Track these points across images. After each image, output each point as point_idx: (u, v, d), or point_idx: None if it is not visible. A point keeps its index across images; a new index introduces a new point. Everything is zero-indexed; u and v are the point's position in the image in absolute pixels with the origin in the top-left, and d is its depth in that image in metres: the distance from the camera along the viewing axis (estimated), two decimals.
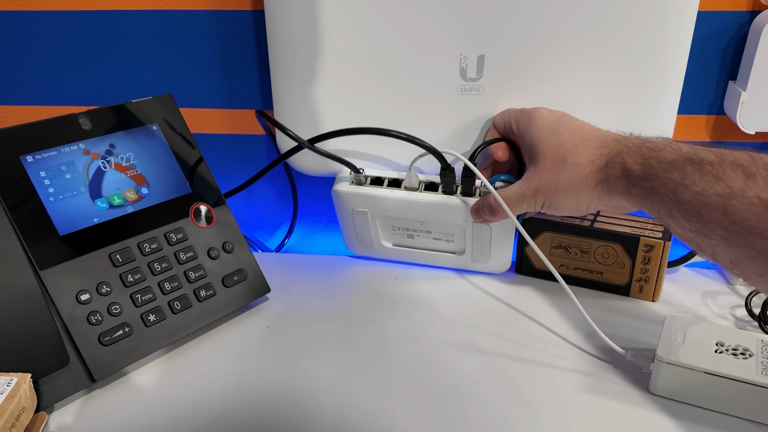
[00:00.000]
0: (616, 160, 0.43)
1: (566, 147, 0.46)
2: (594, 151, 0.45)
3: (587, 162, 0.45)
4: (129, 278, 0.49)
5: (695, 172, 0.37)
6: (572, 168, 0.45)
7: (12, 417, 0.40)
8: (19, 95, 0.66)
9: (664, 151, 0.40)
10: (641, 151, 0.42)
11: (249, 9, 0.61)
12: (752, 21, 0.57)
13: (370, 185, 0.58)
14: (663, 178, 0.39)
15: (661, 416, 0.44)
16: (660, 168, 0.40)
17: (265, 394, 0.47)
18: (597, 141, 0.46)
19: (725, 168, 0.35)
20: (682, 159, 0.38)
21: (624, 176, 0.43)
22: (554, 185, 0.47)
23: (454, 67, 0.57)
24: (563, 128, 0.48)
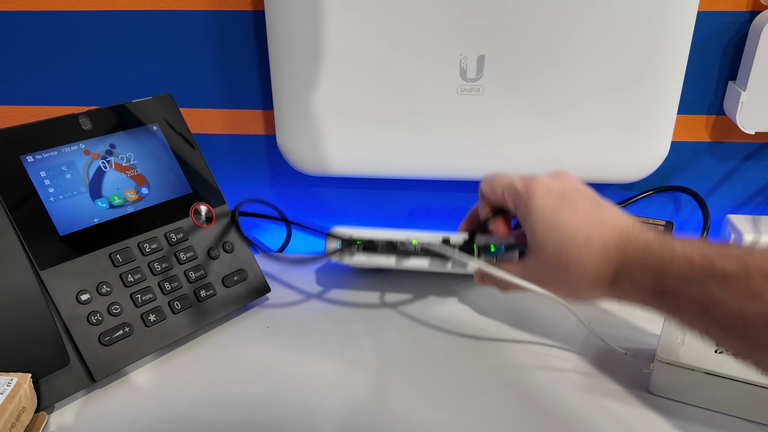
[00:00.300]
0: (625, 275, 0.40)
1: (569, 249, 0.42)
2: (599, 261, 0.41)
3: (593, 273, 0.41)
4: (129, 278, 0.49)
5: (722, 288, 0.33)
6: (578, 277, 0.42)
7: (12, 417, 0.40)
8: (20, 95, 0.66)
9: (675, 263, 0.36)
10: (648, 264, 0.38)
11: (249, 9, 0.61)
12: (752, 21, 0.57)
13: (363, 251, 0.53)
14: (686, 295, 0.35)
15: (661, 416, 0.44)
16: (678, 284, 0.36)
17: (265, 394, 0.47)
18: (600, 247, 0.41)
19: (755, 280, 0.32)
20: (699, 273, 0.35)
21: (638, 292, 0.39)
22: (560, 287, 0.44)
23: (454, 67, 0.57)
24: (564, 223, 0.42)
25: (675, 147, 0.62)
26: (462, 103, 0.58)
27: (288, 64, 0.59)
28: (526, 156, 0.60)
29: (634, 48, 0.55)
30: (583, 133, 0.58)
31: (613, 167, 0.60)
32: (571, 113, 0.58)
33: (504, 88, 0.57)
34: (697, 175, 0.64)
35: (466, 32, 0.56)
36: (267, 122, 0.66)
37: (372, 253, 0.52)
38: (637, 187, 0.65)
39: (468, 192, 0.68)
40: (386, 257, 0.52)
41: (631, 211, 0.65)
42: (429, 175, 0.63)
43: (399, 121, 0.60)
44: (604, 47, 0.55)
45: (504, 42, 0.56)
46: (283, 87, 0.60)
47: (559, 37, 0.55)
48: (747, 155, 0.63)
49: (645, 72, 0.56)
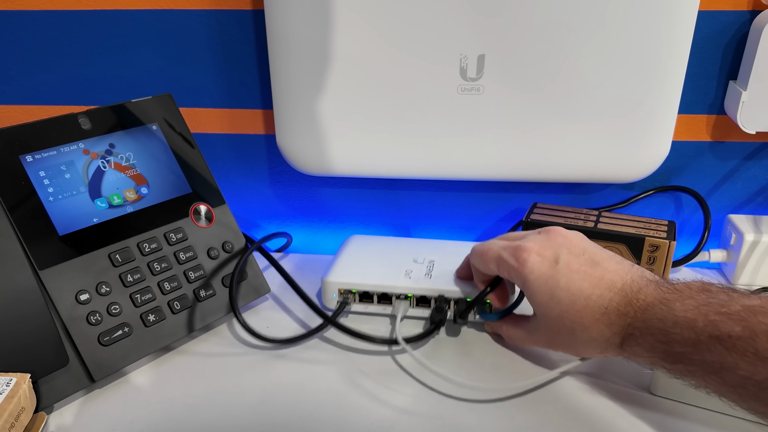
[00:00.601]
0: (632, 340, 0.39)
1: (571, 318, 0.42)
2: (602, 327, 0.41)
3: (599, 336, 0.41)
4: (128, 278, 0.49)
5: (730, 352, 0.33)
6: (585, 341, 0.42)
7: (11, 417, 0.40)
8: (19, 94, 0.66)
9: (677, 329, 0.36)
10: (652, 331, 0.38)
11: (249, 8, 0.60)
12: (753, 21, 0.57)
13: (359, 302, 0.55)
14: (696, 362, 0.35)
15: (661, 416, 0.44)
16: (685, 351, 0.36)
17: (265, 394, 0.47)
18: (601, 313, 0.40)
19: (762, 342, 0.32)
20: (705, 338, 0.34)
21: (649, 355, 0.39)
22: (570, 350, 0.44)
23: (454, 66, 0.57)
24: (561, 291, 0.42)
25: (676, 147, 0.62)
26: (462, 103, 0.58)
27: (288, 63, 0.58)
28: (527, 156, 0.60)
29: (635, 47, 0.55)
30: (584, 132, 0.58)
31: (613, 167, 0.60)
32: (571, 113, 0.58)
33: (504, 87, 0.57)
34: (697, 174, 0.64)
35: (466, 32, 0.55)
36: (267, 122, 0.66)
37: (368, 303, 0.55)
38: (637, 186, 0.65)
39: (468, 192, 0.68)
40: (383, 307, 0.55)
41: (631, 211, 0.65)
42: (429, 174, 0.63)
43: (399, 120, 0.60)
44: (604, 47, 0.55)
45: (504, 41, 0.55)
46: (283, 86, 0.60)
47: (560, 37, 0.55)
48: (748, 155, 0.63)
49: (645, 71, 0.55)
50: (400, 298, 0.54)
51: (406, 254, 0.58)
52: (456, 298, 0.53)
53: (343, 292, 0.55)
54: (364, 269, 0.56)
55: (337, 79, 0.59)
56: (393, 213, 0.70)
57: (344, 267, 0.56)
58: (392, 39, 0.56)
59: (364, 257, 0.58)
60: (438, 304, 0.53)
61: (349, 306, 0.55)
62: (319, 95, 0.59)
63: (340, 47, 0.57)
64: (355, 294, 0.55)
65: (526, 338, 0.48)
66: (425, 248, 0.59)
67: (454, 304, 0.53)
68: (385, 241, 0.62)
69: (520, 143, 0.59)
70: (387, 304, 0.55)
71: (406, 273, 0.54)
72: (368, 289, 0.54)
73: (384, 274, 0.55)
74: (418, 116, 0.59)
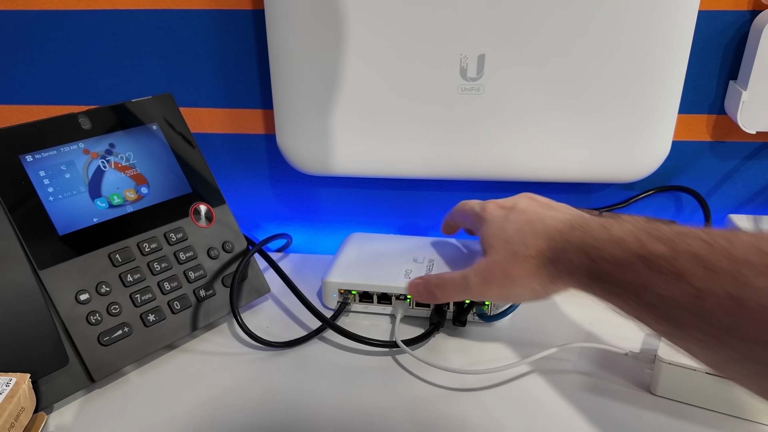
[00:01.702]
0: (563, 257, 0.40)
1: (514, 241, 0.44)
2: (540, 243, 0.42)
3: (536, 254, 0.42)
4: (128, 278, 0.49)
5: (650, 271, 0.33)
6: (523, 260, 0.43)
7: (11, 417, 0.40)
8: (19, 94, 0.66)
9: (608, 246, 0.36)
10: (584, 249, 0.38)
11: (249, 8, 0.60)
12: (753, 20, 0.57)
13: (359, 302, 0.55)
14: (618, 280, 0.36)
15: (662, 417, 0.44)
16: (610, 268, 0.36)
17: (265, 394, 0.47)
18: (543, 233, 0.43)
19: (682, 261, 0.31)
20: (631, 256, 0.34)
21: (575, 275, 0.40)
22: (506, 277, 0.44)
23: (454, 66, 0.57)
24: (510, 223, 0.45)
25: (676, 146, 0.62)
26: (462, 103, 0.58)
27: (288, 63, 0.58)
28: (527, 155, 0.60)
29: (635, 47, 0.54)
30: (584, 132, 0.58)
31: (613, 167, 0.60)
32: (571, 113, 0.58)
33: (504, 87, 0.57)
34: (698, 174, 0.64)
35: (466, 31, 0.55)
36: (267, 121, 0.66)
37: (368, 303, 0.55)
38: (638, 186, 0.65)
39: (468, 192, 0.68)
40: (383, 307, 0.55)
41: (632, 211, 0.65)
42: (429, 174, 0.63)
43: (399, 120, 0.59)
44: (604, 47, 0.55)
45: (505, 41, 0.55)
46: (283, 86, 0.60)
47: (560, 37, 0.55)
48: (748, 155, 0.63)
49: (645, 71, 0.55)
50: (399, 299, 0.54)
51: (406, 253, 0.58)
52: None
53: (343, 292, 0.55)
54: (363, 269, 0.56)
55: (337, 80, 0.58)
56: (393, 213, 0.70)
57: (344, 266, 0.56)
58: (392, 38, 0.56)
59: (364, 256, 0.58)
60: (437, 306, 0.53)
61: (349, 306, 0.55)
62: (319, 95, 0.59)
63: (340, 47, 0.57)
64: (355, 294, 0.55)
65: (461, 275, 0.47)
66: (425, 247, 0.59)
67: (453, 304, 0.53)
68: (385, 239, 0.62)
69: (520, 143, 0.59)
70: (387, 304, 0.55)
71: (406, 273, 0.54)
72: (368, 289, 0.54)
73: (384, 274, 0.55)
74: (419, 116, 0.59)
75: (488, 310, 0.53)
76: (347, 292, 0.55)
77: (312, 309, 0.52)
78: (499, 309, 0.52)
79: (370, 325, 0.54)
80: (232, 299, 0.52)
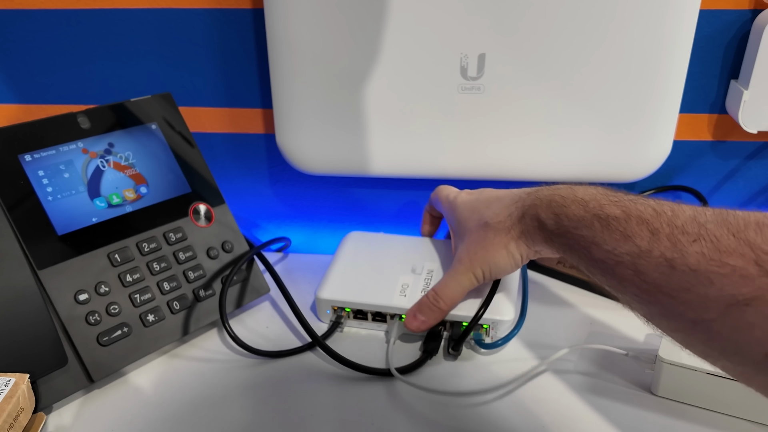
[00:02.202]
0: (531, 212, 0.44)
1: (485, 214, 0.48)
2: (510, 205, 0.46)
3: (506, 217, 0.46)
4: (128, 278, 0.49)
5: (603, 229, 0.37)
6: (495, 227, 0.46)
7: (10, 417, 0.39)
8: (17, 94, 0.66)
9: (572, 206, 0.40)
10: (551, 205, 0.42)
11: (248, 7, 0.60)
12: (754, 20, 0.56)
13: (354, 319, 0.54)
14: (575, 236, 0.39)
15: (663, 417, 0.44)
16: (570, 225, 0.40)
17: (264, 394, 0.47)
18: (510, 199, 0.47)
19: (631, 224, 0.35)
20: (589, 215, 0.38)
21: (540, 229, 0.43)
22: (484, 248, 0.47)
23: (454, 65, 0.57)
24: (479, 202, 0.49)
25: (677, 146, 0.61)
26: (462, 102, 0.58)
27: (287, 62, 0.58)
28: (527, 155, 0.60)
29: (636, 47, 0.54)
30: (585, 131, 0.58)
31: (614, 166, 0.60)
32: (571, 112, 0.57)
33: (505, 86, 0.57)
34: (699, 174, 0.64)
35: (466, 30, 0.55)
36: (266, 121, 0.66)
37: (362, 320, 0.54)
38: (638, 186, 0.65)
39: None
40: (377, 324, 0.53)
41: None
42: (429, 174, 0.62)
43: (399, 119, 0.59)
44: (605, 46, 0.55)
45: (505, 41, 0.55)
46: (283, 85, 0.59)
47: (561, 36, 0.55)
48: (749, 154, 0.62)
49: (647, 71, 0.55)
50: (394, 318, 0.52)
51: (405, 260, 0.56)
52: (451, 321, 0.51)
53: (337, 309, 0.54)
54: (358, 283, 0.54)
55: (337, 79, 0.58)
56: (393, 213, 0.70)
57: (338, 279, 0.55)
58: (392, 38, 0.56)
59: (360, 265, 0.56)
60: (432, 328, 0.51)
61: (342, 323, 0.54)
62: (319, 94, 0.59)
63: (339, 46, 0.57)
64: (348, 312, 0.54)
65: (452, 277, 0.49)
66: (424, 250, 0.57)
67: (450, 326, 0.51)
68: (383, 241, 0.60)
69: (521, 143, 0.59)
70: (382, 321, 0.53)
71: (402, 289, 0.53)
72: (362, 308, 0.53)
73: (378, 290, 0.53)
74: (419, 115, 0.59)
75: (486, 334, 0.51)
76: (341, 309, 0.54)
77: (305, 325, 0.51)
78: (497, 331, 0.50)
79: (367, 335, 0.53)
80: (222, 307, 0.52)
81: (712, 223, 0.31)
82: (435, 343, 0.50)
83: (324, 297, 0.53)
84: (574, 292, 0.58)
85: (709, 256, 0.30)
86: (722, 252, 0.30)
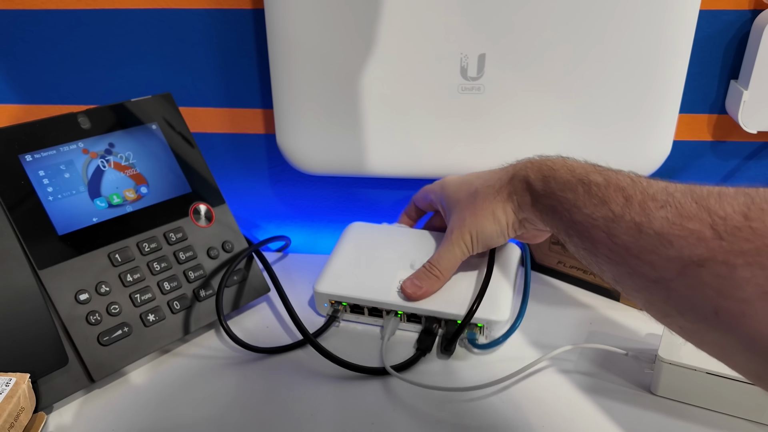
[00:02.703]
0: (520, 174, 0.46)
1: (475, 183, 0.50)
2: (500, 173, 0.48)
3: (495, 181, 0.48)
4: (128, 278, 0.49)
5: (585, 194, 0.39)
6: (484, 191, 0.48)
7: (11, 417, 0.40)
8: (18, 94, 0.66)
9: (561, 171, 0.42)
10: (542, 168, 0.44)
11: (249, 8, 0.60)
12: (754, 20, 0.56)
13: (351, 312, 0.54)
14: (559, 198, 0.42)
15: (662, 417, 0.44)
16: (557, 187, 0.42)
17: (265, 394, 0.47)
18: (501, 169, 0.49)
19: (609, 190, 0.38)
20: (575, 180, 0.41)
21: (528, 190, 0.45)
22: (473, 213, 0.49)
23: (454, 65, 0.57)
24: (471, 176, 0.52)
25: (677, 146, 0.61)
26: (463, 102, 0.58)
27: (288, 62, 0.58)
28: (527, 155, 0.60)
29: (636, 47, 0.54)
30: (585, 132, 0.58)
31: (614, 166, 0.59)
32: (572, 112, 0.57)
33: (505, 87, 0.57)
34: (698, 174, 0.64)
35: (467, 30, 0.55)
36: (267, 121, 0.66)
37: (359, 314, 0.54)
38: None
39: None
40: (374, 319, 0.54)
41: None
42: (429, 174, 0.62)
43: (399, 119, 0.59)
44: (605, 46, 0.55)
45: (505, 41, 0.55)
46: (283, 85, 0.60)
47: (561, 36, 0.55)
48: (749, 154, 0.63)
49: (646, 71, 0.55)
50: (390, 314, 0.52)
51: (405, 254, 0.55)
52: (446, 318, 0.51)
53: (334, 303, 0.54)
54: (356, 277, 0.54)
55: (337, 79, 0.58)
56: (393, 213, 0.70)
57: (336, 272, 0.55)
58: (392, 38, 0.56)
59: (360, 257, 0.56)
60: (427, 325, 0.51)
61: (339, 316, 0.54)
62: (319, 94, 0.59)
63: (340, 46, 0.57)
64: (345, 306, 0.54)
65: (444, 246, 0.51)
66: (426, 245, 0.57)
67: (444, 324, 0.51)
68: (384, 233, 0.59)
69: (521, 143, 0.59)
70: (378, 317, 0.54)
71: (399, 285, 0.53)
72: (358, 302, 0.53)
73: (375, 286, 0.53)
74: (419, 115, 0.59)
75: (480, 333, 0.51)
76: (337, 303, 0.54)
77: (298, 324, 0.51)
78: (492, 331, 0.51)
79: (362, 330, 0.54)
80: (219, 306, 0.52)
81: (679, 192, 0.33)
82: (429, 340, 0.50)
83: (321, 291, 0.54)
84: (574, 292, 0.58)
85: (672, 220, 0.32)
86: (684, 217, 0.32)
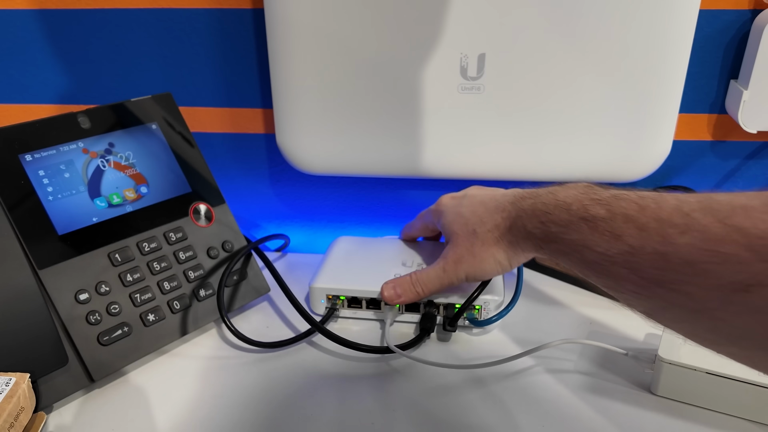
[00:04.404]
0: (518, 224, 0.45)
1: (472, 221, 0.49)
2: (496, 216, 0.47)
3: (493, 227, 0.47)
4: (128, 278, 0.49)
5: (592, 231, 0.37)
6: (483, 235, 0.47)
7: (11, 417, 0.40)
8: (18, 93, 0.66)
9: (556, 212, 0.40)
10: (536, 214, 0.43)
11: (249, 7, 0.60)
12: (754, 20, 0.56)
13: (348, 308, 0.54)
14: (565, 241, 0.39)
15: (662, 417, 0.44)
16: (558, 231, 0.40)
17: (265, 394, 0.47)
18: (495, 208, 0.47)
19: (618, 222, 0.35)
20: (575, 219, 0.38)
21: (529, 239, 0.44)
22: (472, 254, 0.48)
23: (454, 65, 0.57)
24: (464, 207, 0.50)
25: (676, 146, 0.61)
26: (462, 102, 0.58)
27: (288, 62, 0.58)
28: (527, 155, 0.60)
29: (636, 46, 0.54)
30: (584, 132, 0.58)
31: (614, 166, 0.60)
32: (572, 112, 0.57)
33: (505, 86, 0.57)
34: (698, 174, 0.64)
35: (467, 30, 0.55)
36: (267, 121, 0.66)
37: (357, 308, 0.54)
38: (638, 186, 0.64)
39: None
40: (372, 312, 0.54)
41: None
42: (429, 174, 0.62)
43: (399, 119, 0.59)
44: (605, 46, 0.55)
45: (505, 41, 0.55)
46: (283, 85, 0.60)
47: (560, 35, 0.55)
48: (749, 154, 0.63)
49: (646, 71, 0.55)
50: (388, 305, 0.53)
51: (395, 257, 0.57)
52: (445, 303, 0.52)
53: (332, 298, 0.54)
54: (351, 274, 0.55)
55: (338, 79, 0.58)
56: (393, 213, 0.70)
57: (332, 271, 0.56)
58: (393, 38, 0.56)
59: (353, 260, 0.57)
60: (427, 310, 0.52)
61: (337, 312, 0.55)
62: (319, 94, 0.59)
63: (340, 46, 0.57)
64: (343, 300, 0.54)
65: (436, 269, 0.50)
66: (413, 249, 0.58)
67: (443, 309, 0.52)
68: (372, 243, 0.61)
69: (521, 142, 0.59)
70: (376, 309, 0.54)
71: (395, 276, 0.53)
72: (357, 294, 0.53)
73: (372, 278, 0.53)
74: (419, 115, 0.59)
75: (479, 315, 0.52)
76: (335, 298, 0.54)
77: (301, 311, 0.51)
78: (489, 314, 0.52)
79: (360, 330, 0.54)
80: (220, 302, 0.52)
81: (698, 212, 0.31)
82: (431, 323, 0.52)
83: (318, 286, 0.54)
84: (574, 292, 0.58)
85: (701, 246, 0.30)
86: (712, 241, 0.30)
